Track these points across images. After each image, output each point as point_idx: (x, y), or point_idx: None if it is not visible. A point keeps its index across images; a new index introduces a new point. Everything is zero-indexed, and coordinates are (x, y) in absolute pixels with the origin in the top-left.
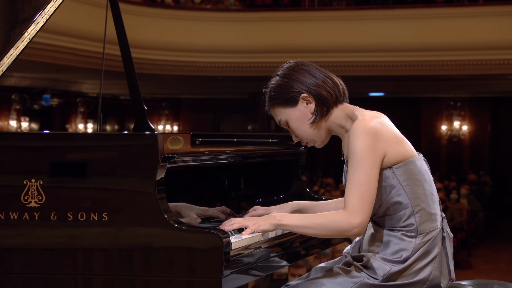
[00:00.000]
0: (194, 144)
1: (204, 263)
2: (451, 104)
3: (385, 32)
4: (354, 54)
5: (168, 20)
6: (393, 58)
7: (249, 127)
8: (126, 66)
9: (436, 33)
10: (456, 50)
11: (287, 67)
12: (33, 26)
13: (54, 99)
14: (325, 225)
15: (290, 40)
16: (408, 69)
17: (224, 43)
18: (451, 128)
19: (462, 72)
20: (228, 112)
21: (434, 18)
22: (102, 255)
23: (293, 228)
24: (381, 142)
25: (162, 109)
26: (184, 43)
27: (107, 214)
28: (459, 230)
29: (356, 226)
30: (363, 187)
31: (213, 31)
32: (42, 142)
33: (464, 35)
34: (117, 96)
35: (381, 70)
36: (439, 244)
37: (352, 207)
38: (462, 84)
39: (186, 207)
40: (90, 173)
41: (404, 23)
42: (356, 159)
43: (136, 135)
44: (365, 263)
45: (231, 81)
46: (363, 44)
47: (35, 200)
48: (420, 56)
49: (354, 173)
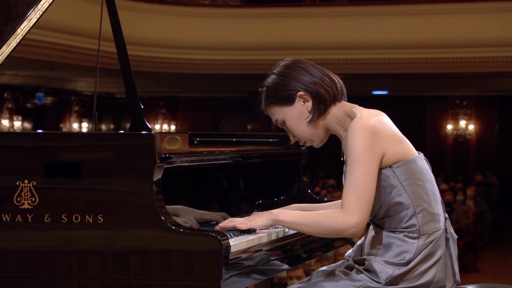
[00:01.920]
0: (192, 144)
1: (202, 267)
2: (457, 102)
3: (389, 28)
4: (357, 51)
5: (166, 16)
6: (397, 55)
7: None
8: (122, 64)
9: (442, 29)
10: (462, 47)
11: (283, 65)
12: (26, 22)
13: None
14: (321, 223)
15: (291, 37)
16: (412, 67)
17: (223, 40)
18: (457, 127)
19: (469, 69)
20: (227, 111)
21: (440, 14)
22: (97, 259)
23: (289, 225)
24: (379, 141)
25: (159, 108)
26: (182, 40)
27: (102, 216)
28: (465, 232)
29: (352, 226)
30: (361, 186)
31: (212, 28)
32: (35, 142)
33: (471, 32)
34: (112, 95)
35: (385, 68)
36: (443, 245)
37: (349, 206)
38: (468, 82)
39: (185, 211)
40: (85, 174)
41: (409, 19)
42: (354, 157)
43: (133, 134)
44: (367, 267)
45: (230, 79)
46: (366, 41)
47: (28, 202)
48: (425, 53)
49: (352, 172)
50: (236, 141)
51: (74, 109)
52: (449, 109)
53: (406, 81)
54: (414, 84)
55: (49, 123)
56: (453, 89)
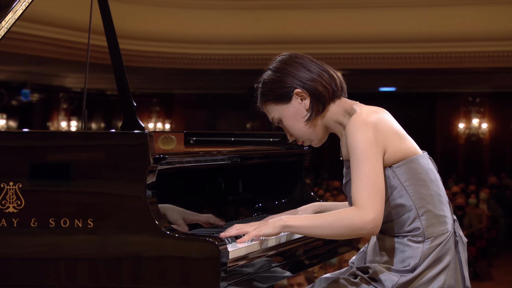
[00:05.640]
0: (188, 144)
1: (198, 274)
2: (470, 100)
3: (396, 20)
4: (363, 45)
5: (160, 8)
6: (405, 50)
7: (248, 125)
8: (114, 59)
9: (453, 21)
10: (475, 41)
11: (280, 60)
12: (11, 15)
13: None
14: (336, 223)
15: (293, 29)
16: (422, 62)
17: (220, 33)
18: (470, 126)
19: (482, 64)
20: (225, 108)
21: (451, 5)
22: (87, 265)
23: (300, 230)
24: (380, 137)
25: (153, 106)
26: (177, 33)
27: (92, 221)
28: (479, 238)
29: (369, 222)
30: (371, 180)
31: (209, 20)
32: (21, 141)
33: (485, 24)
34: (103, 91)
35: (392, 63)
36: (452, 249)
37: (363, 202)
38: (481, 78)
39: (172, 210)
40: (74, 175)
41: (418, 11)
42: (358, 153)
43: (125, 134)
44: (371, 275)
45: (228, 74)
46: (372, 34)
47: (13, 205)
48: (435, 47)
49: (358, 168)
50: (234, 140)
51: (63, 106)
52: (461, 107)
53: (415, 77)
54: (423, 80)
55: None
56: (465, 85)
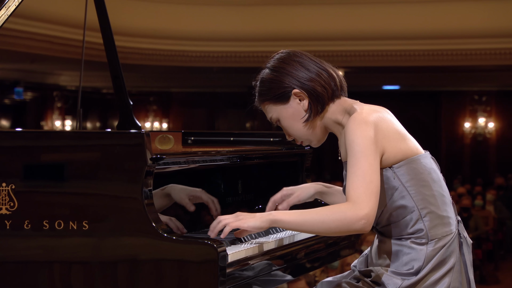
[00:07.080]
0: (186, 144)
1: (197, 278)
2: (476, 98)
3: (400, 17)
4: (366, 42)
5: (157, 4)
6: (409, 47)
7: (248, 124)
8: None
9: (458, 17)
10: (481, 38)
11: (278, 58)
12: (3, 11)
13: (27, 93)
14: (327, 217)
15: (294, 26)
16: (426, 59)
17: (219, 30)
18: (476, 125)
19: (488, 62)
20: (224, 107)
21: (456, 1)
22: (82, 269)
23: (289, 225)
24: (379, 137)
25: (150, 104)
26: (174, 30)
27: (87, 223)
28: (485, 240)
29: (362, 217)
30: (368, 177)
31: (207, 16)
32: (14, 141)
33: (491, 20)
34: (99, 90)
35: (396, 60)
36: (456, 251)
37: (358, 197)
38: (488, 76)
39: (175, 189)
40: (68, 176)
41: (422, 7)
42: (356, 149)
43: (121, 133)
44: (374, 279)
45: (227, 72)
46: (375, 31)
47: (6, 207)
48: (440, 44)
49: (356, 164)
50: (233, 140)
51: (57, 105)
52: (467, 106)
53: (419, 75)
54: (428, 78)
55: (29, 121)
56: (471, 83)
